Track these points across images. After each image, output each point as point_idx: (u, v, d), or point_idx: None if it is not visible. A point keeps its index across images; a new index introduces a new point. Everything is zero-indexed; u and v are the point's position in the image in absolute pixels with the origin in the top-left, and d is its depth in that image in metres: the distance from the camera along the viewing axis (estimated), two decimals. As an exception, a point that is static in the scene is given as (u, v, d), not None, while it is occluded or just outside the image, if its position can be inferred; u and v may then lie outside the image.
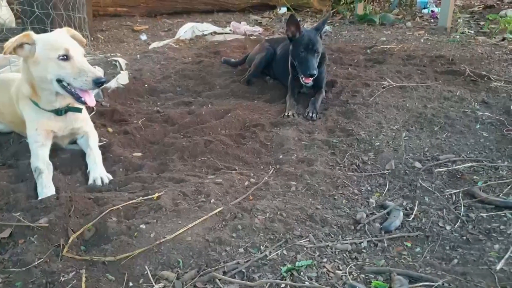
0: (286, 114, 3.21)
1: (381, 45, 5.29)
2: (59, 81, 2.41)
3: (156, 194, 2.27)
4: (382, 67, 4.15)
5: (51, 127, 2.60)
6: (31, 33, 2.41)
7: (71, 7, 4.91)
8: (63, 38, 2.47)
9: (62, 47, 2.37)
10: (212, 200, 2.25)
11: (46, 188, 2.35)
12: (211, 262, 1.84)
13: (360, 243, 1.99)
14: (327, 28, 6.39)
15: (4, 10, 5.06)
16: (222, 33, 6.17)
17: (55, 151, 2.71)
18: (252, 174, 2.56)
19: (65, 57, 2.37)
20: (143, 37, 6.16)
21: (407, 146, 2.76)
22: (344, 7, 7.55)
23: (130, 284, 1.75)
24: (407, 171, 2.55)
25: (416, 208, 2.22)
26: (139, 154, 2.85)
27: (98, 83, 2.36)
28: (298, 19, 3.48)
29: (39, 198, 2.29)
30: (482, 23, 6.18)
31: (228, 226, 2.06)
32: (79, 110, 2.65)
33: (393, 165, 2.58)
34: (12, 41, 2.36)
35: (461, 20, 6.26)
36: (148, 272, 1.78)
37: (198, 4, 7.84)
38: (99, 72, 2.37)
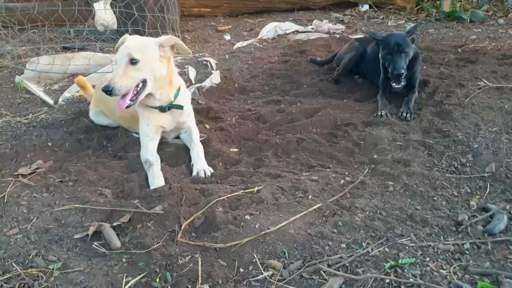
0: (378, 113, 3.20)
1: (472, 43, 5.08)
2: None
3: (256, 188, 2.40)
4: (475, 67, 4.01)
5: (160, 122, 2.82)
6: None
7: (166, 9, 5.20)
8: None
9: None
10: (310, 196, 2.34)
11: (157, 178, 2.56)
12: (315, 255, 1.94)
13: (463, 244, 1.99)
14: (412, 25, 6.22)
15: (108, 13, 5.47)
16: (304, 32, 6.21)
17: (161, 145, 2.92)
18: (347, 173, 2.62)
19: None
20: (227, 37, 6.35)
21: (508, 149, 2.67)
22: (430, 4, 7.30)
23: (241, 270, 1.89)
24: (508, 175, 2.47)
25: (521, 212, 2.16)
26: (236, 149, 3.01)
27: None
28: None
29: (151, 187, 2.50)
30: None
31: (328, 222, 2.14)
32: (180, 107, 2.84)
33: (494, 168, 2.52)
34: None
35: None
36: (257, 260, 1.91)
37: (279, 3, 7.93)
38: None
